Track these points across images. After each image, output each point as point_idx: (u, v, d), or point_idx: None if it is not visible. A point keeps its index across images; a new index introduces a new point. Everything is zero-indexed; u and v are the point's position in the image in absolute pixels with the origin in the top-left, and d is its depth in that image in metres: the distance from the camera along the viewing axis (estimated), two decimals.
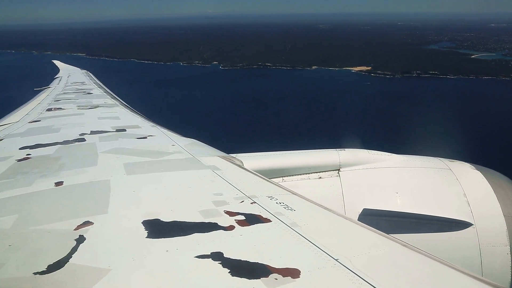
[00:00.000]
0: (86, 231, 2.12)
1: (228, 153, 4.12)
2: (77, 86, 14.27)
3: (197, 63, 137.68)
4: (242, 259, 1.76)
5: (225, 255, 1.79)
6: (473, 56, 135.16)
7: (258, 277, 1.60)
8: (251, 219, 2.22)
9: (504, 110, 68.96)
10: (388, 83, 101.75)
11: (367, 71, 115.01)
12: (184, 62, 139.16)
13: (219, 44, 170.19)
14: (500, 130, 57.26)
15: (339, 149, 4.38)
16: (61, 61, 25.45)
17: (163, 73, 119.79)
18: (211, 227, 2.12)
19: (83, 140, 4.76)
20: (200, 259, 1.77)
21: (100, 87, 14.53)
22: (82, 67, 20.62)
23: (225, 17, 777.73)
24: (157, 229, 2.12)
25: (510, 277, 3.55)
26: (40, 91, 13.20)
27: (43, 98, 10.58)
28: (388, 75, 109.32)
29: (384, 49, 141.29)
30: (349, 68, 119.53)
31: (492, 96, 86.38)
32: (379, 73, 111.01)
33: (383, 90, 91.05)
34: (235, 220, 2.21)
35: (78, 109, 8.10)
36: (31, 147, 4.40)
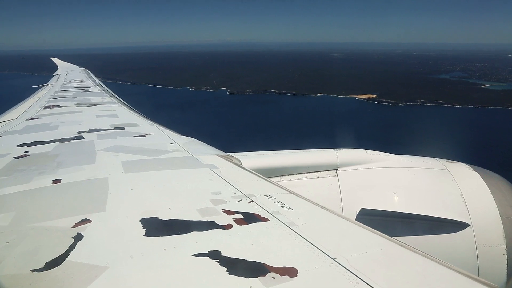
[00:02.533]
0: (84, 229, 2.10)
1: (226, 152, 4.15)
2: (76, 84, 14.51)
3: (206, 88, 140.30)
4: (240, 257, 1.75)
5: (222, 254, 1.78)
6: (483, 86, 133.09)
7: (255, 276, 1.59)
8: (249, 218, 2.21)
9: (496, 139, 67.63)
10: (389, 111, 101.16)
11: (371, 99, 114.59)
12: (193, 87, 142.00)
13: (230, 71, 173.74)
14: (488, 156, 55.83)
15: (337, 149, 4.39)
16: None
17: (170, 97, 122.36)
18: (209, 225, 2.11)
19: (81, 138, 4.77)
20: (198, 257, 1.76)
21: (99, 85, 14.81)
22: None
23: (242, 44, 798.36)
24: (155, 227, 2.11)
25: (506, 278, 3.56)
26: (38, 88, 13.51)
27: (41, 96, 10.68)
28: (392, 103, 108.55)
29: (393, 78, 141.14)
30: (354, 96, 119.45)
31: (490, 125, 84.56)
32: (383, 101, 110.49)
33: (382, 118, 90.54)
34: (233, 218, 2.20)
35: (77, 106, 8.14)
36: (29, 145, 4.39)
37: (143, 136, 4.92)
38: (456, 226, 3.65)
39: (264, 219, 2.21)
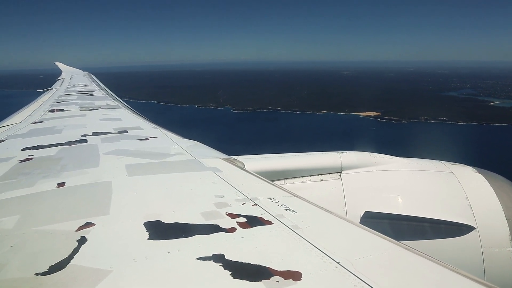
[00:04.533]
0: (87, 232, 2.11)
1: (230, 155, 4.16)
2: (80, 88, 14.85)
3: (211, 105, 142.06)
4: (244, 261, 1.75)
5: (226, 257, 1.78)
6: (491, 103, 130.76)
7: (259, 279, 1.59)
8: (253, 221, 2.22)
9: (494, 155, 66.28)
10: (390, 128, 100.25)
11: (375, 116, 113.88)
12: (199, 105, 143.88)
13: (238, 88, 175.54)
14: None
15: (341, 151, 4.41)
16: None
17: (173, 114, 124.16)
18: (213, 229, 2.12)
19: (85, 141, 4.82)
20: (202, 261, 1.76)
21: (102, 88, 15.18)
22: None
23: (256, 63, 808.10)
24: (159, 230, 2.12)
25: None
26: (42, 92, 13.82)
27: (46, 100, 10.97)
28: (394, 120, 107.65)
29: (400, 96, 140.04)
30: (357, 113, 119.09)
31: (491, 142, 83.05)
32: (386, 118, 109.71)
33: (383, 134, 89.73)
34: (237, 222, 2.21)
35: (80, 110, 8.27)
36: (33, 148, 4.43)
37: (147, 139, 4.98)
38: (461, 229, 3.62)
39: (268, 223, 2.20)
